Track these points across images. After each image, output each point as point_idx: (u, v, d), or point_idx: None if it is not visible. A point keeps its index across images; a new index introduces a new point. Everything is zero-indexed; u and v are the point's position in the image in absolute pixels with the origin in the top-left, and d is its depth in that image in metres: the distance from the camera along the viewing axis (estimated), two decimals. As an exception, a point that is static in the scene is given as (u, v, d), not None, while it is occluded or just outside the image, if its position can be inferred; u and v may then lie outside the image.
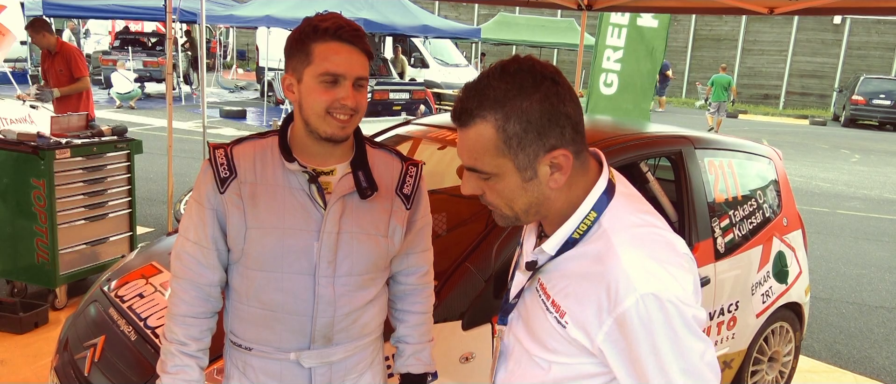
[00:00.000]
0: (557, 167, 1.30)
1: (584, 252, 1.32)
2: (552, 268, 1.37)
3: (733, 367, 3.67)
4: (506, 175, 1.31)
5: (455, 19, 27.37)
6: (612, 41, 8.25)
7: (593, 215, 1.33)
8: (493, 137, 1.27)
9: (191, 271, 1.76)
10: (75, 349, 2.75)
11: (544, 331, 1.36)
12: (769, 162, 3.97)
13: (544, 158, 1.29)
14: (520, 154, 1.28)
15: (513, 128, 1.26)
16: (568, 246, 1.34)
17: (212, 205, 1.72)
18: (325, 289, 1.73)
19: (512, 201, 1.34)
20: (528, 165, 1.29)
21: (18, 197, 4.58)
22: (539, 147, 1.28)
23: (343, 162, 1.76)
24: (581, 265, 1.31)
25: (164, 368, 1.76)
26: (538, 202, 1.34)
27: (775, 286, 3.76)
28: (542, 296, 1.37)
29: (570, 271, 1.33)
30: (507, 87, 1.26)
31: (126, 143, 5.04)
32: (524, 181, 1.31)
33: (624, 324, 1.22)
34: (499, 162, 1.29)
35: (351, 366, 1.84)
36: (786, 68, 28.52)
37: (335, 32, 1.62)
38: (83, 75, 6.68)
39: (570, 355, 1.34)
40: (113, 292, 2.94)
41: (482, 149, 1.29)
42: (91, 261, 4.86)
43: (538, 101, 1.26)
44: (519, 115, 1.25)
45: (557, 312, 1.33)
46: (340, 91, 1.63)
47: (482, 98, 1.28)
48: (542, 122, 1.26)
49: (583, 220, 1.33)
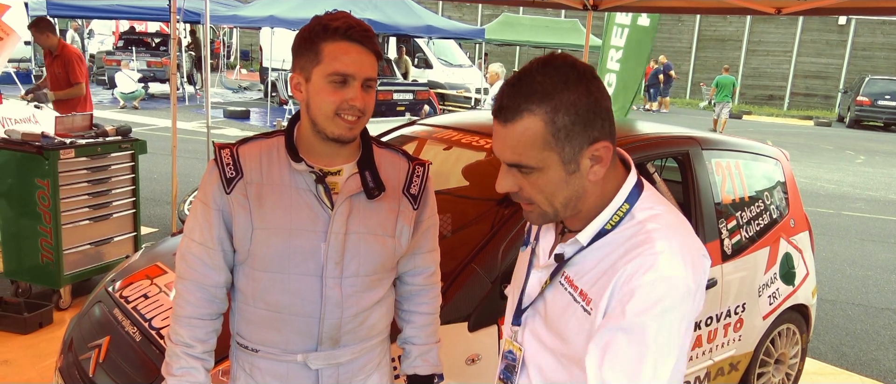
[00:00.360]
0: (598, 159, 1.31)
1: (615, 240, 1.33)
2: (578, 260, 1.38)
3: (740, 369, 3.65)
4: (550, 168, 1.31)
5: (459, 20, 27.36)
6: (615, 41, 8.24)
7: (626, 207, 1.35)
8: (542, 130, 1.27)
9: (196, 272, 1.74)
10: (80, 350, 2.74)
11: (570, 327, 1.36)
12: (776, 163, 3.95)
13: (587, 151, 1.30)
14: (566, 147, 1.29)
15: (562, 120, 1.27)
16: (599, 236, 1.35)
17: (217, 205, 1.71)
18: (333, 290, 1.71)
19: (553, 195, 1.34)
20: (573, 158, 1.30)
21: (23, 197, 4.58)
22: (584, 139, 1.29)
23: (350, 162, 1.74)
24: (612, 254, 1.32)
25: (170, 370, 1.75)
26: (577, 195, 1.35)
27: (782, 288, 3.74)
28: (569, 289, 1.38)
29: (599, 261, 1.34)
30: (554, 82, 1.27)
31: (130, 144, 5.03)
32: (567, 174, 1.31)
33: (635, 294, 1.23)
34: (544, 155, 1.29)
35: (358, 368, 1.83)
36: (790, 69, 28.46)
37: (345, 32, 1.60)
38: (79, 81, 6.66)
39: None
40: (118, 293, 2.93)
41: (528, 143, 1.29)
42: (95, 262, 4.85)
43: (584, 94, 1.27)
44: (567, 107, 1.27)
45: (584, 301, 1.33)
46: (349, 91, 1.61)
47: (529, 92, 1.28)
48: (588, 114, 1.28)
49: (616, 212, 1.35)
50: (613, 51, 8.25)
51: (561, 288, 1.40)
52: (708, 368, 3.42)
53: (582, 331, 1.34)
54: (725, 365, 3.52)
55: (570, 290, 1.38)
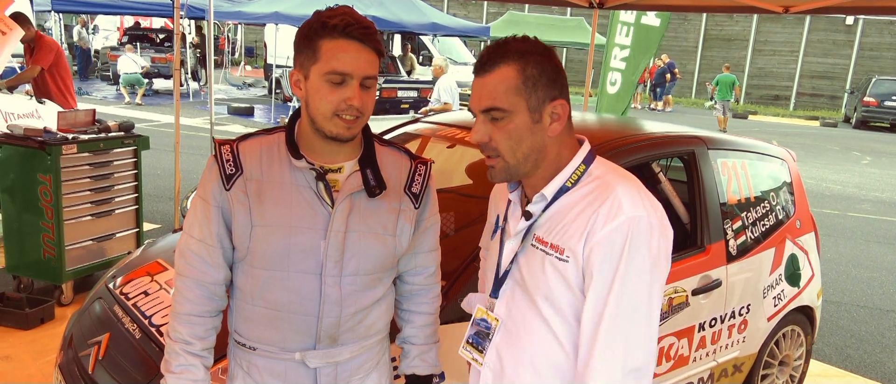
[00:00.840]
0: (557, 117, 1.56)
1: (576, 196, 1.57)
2: (544, 220, 1.60)
3: (744, 371, 3.62)
4: (518, 113, 1.54)
5: (464, 17, 27.31)
6: (620, 40, 8.19)
7: (583, 168, 1.60)
8: (515, 77, 1.52)
9: (195, 269, 1.72)
10: (80, 346, 2.72)
11: (547, 278, 1.56)
12: (783, 163, 3.92)
13: (549, 105, 1.55)
14: (533, 95, 1.53)
15: (531, 71, 1.53)
16: (561, 193, 1.58)
17: (217, 202, 1.69)
18: (332, 288, 1.69)
19: (518, 143, 1.55)
20: (537, 108, 1.54)
21: (25, 192, 4.57)
22: (547, 93, 1.54)
23: (351, 159, 1.72)
24: (575, 205, 1.56)
25: (169, 368, 1.73)
26: (537, 149, 1.57)
27: (787, 289, 3.71)
28: (540, 247, 1.58)
29: (564, 213, 1.57)
30: (526, 46, 1.55)
31: (133, 139, 5.02)
32: (532, 123, 1.54)
33: (610, 240, 1.47)
34: (515, 100, 1.53)
35: (357, 367, 1.81)
36: (797, 69, 28.35)
37: (344, 29, 1.57)
38: (36, 64, 6.72)
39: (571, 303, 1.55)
40: (118, 289, 2.91)
41: (503, 88, 1.53)
42: (97, 258, 4.85)
43: (549, 59, 1.56)
44: (536, 63, 1.53)
45: (557, 251, 1.55)
46: (347, 91, 1.58)
47: (505, 51, 1.54)
48: (552, 74, 1.55)
49: (574, 171, 1.59)
50: (618, 49, 8.20)
51: (533, 249, 1.60)
52: (712, 369, 3.39)
53: (558, 277, 1.55)
54: (729, 366, 3.49)
55: (541, 248, 1.58)
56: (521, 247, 1.63)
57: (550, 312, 1.57)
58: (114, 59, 19.83)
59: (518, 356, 1.64)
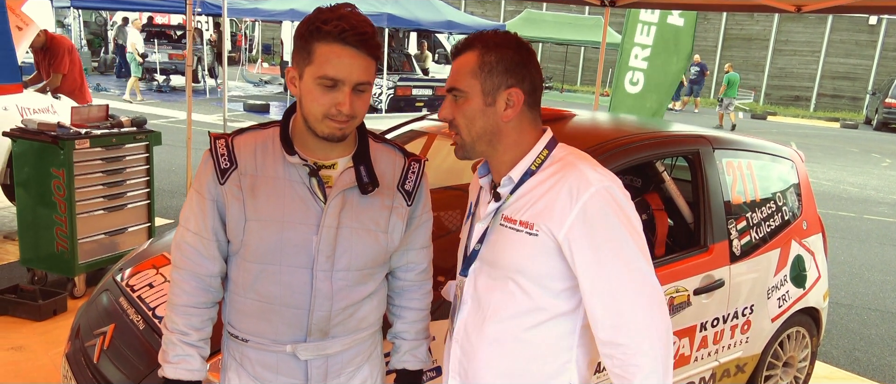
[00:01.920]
0: (511, 103, 1.68)
1: (542, 177, 1.69)
2: (512, 200, 1.72)
3: (747, 372, 3.62)
4: (473, 96, 1.68)
5: (481, 15, 27.28)
6: (641, 39, 8.14)
7: (546, 152, 1.73)
8: (473, 62, 1.68)
9: (191, 261, 1.75)
10: (86, 336, 2.78)
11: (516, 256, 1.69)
12: (790, 164, 3.90)
13: (503, 92, 1.68)
14: (487, 81, 1.67)
15: (488, 58, 1.67)
16: (526, 176, 1.71)
17: (212, 195, 1.72)
18: (323, 283, 1.72)
19: (472, 123, 1.69)
20: (491, 92, 1.67)
21: (39, 186, 4.65)
22: (502, 81, 1.67)
23: (345, 155, 1.74)
24: (541, 185, 1.68)
25: (166, 358, 1.76)
26: (491, 131, 1.70)
27: (792, 290, 3.70)
28: (509, 225, 1.71)
29: (531, 193, 1.68)
30: (495, 38, 1.70)
31: (145, 135, 5.08)
32: (485, 106, 1.68)
33: (586, 212, 1.60)
34: (471, 82, 1.68)
35: (348, 360, 1.83)
36: (818, 69, 28.06)
37: (339, 35, 1.55)
38: (57, 72, 6.87)
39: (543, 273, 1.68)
40: (124, 281, 2.96)
41: (462, 71, 1.69)
42: (109, 251, 4.91)
43: (513, 52, 1.68)
44: (497, 52, 1.67)
45: (527, 227, 1.67)
46: (338, 95, 1.59)
47: (474, 39, 1.71)
48: (510, 65, 1.67)
49: (538, 155, 1.72)
50: (639, 48, 8.15)
51: (501, 228, 1.73)
52: (714, 369, 3.38)
53: (528, 249, 1.67)
54: (732, 366, 3.48)
55: (509, 225, 1.70)
56: (489, 227, 1.76)
57: (521, 281, 1.70)
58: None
59: (481, 324, 1.77)
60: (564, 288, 1.69)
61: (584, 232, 1.59)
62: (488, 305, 1.75)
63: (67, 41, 7.21)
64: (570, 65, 32.17)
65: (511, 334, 1.73)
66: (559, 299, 1.70)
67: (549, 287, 1.69)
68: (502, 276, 1.72)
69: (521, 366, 1.74)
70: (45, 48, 6.88)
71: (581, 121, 3.46)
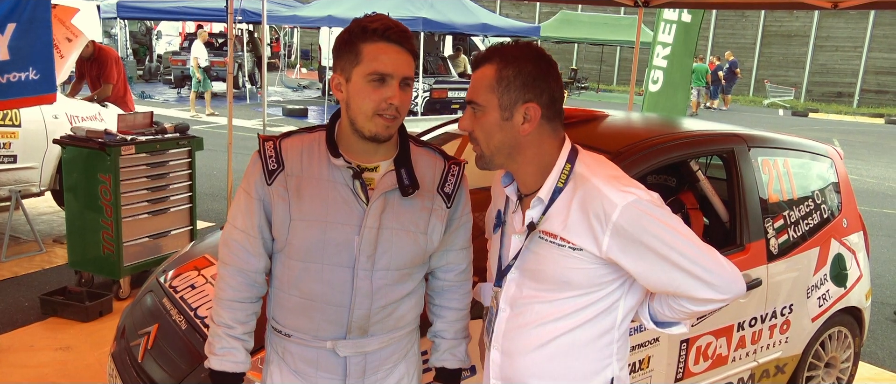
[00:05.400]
0: (528, 119, 1.69)
1: (570, 195, 1.70)
2: (547, 218, 1.73)
3: (787, 372, 3.57)
4: (490, 110, 1.69)
5: (516, 18, 27.23)
6: (663, 38, 8.09)
7: (568, 167, 1.73)
8: (491, 76, 1.69)
9: (237, 258, 1.82)
10: (131, 336, 2.87)
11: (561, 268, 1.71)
12: (829, 162, 3.84)
13: (521, 107, 1.68)
14: (505, 95, 1.68)
15: (506, 73, 1.68)
16: (556, 194, 1.72)
17: (259, 195, 1.79)
18: (363, 281, 1.77)
19: (490, 136, 1.71)
20: (508, 107, 1.68)
21: (87, 191, 4.80)
22: (519, 96, 1.68)
23: (387, 159, 1.80)
24: (573, 204, 1.68)
25: (212, 350, 1.83)
26: (509, 144, 1.72)
27: (833, 289, 3.64)
28: (549, 239, 1.72)
29: (563, 212, 1.70)
30: (515, 51, 1.70)
31: (188, 140, 5.21)
32: (502, 120, 1.69)
33: (620, 234, 1.63)
34: (488, 97, 1.69)
35: (385, 357, 1.88)
36: (860, 65, 27.38)
37: (383, 33, 1.67)
38: (108, 82, 7.05)
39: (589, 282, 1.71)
40: (167, 283, 3.05)
41: (480, 84, 1.70)
42: (153, 254, 5.05)
43: (532, 66, 1.68)
44: (515, 66, 1.67)
45: (569, 243, 1.69)
46: (388, 90, 1.67)
47: (493, 52, 1.72)
48: (529, 79, 1.67)
49: (562, 171, 1.73)
50: (660, 47, 8.10)
51: (541, 241, 1.74)
52: (752, 370, 3.35)
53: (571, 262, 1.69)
54: (771, 367, 3.45)
55: (550, 240, 1.72)
56: (527, 241, 1.77)
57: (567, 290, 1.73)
58: (175, 64, 20.42)
59: (524, 330, 1.78)
60: (606, 290, 1.74)
61: (627, 251, 1.64)
62: (531, 312, 1.78)
63: (114, 52, 7.44)
64: (606, 65, 31.92)
65: (555, 337, 1.76)
66: (601, 300, 1.75)
67: (593, 292, 1.73)
68: (548, 288, 1.75)
69: (564, 367, 1.78)
70: (92, 58, 7.10)
71: (614, 121, 3.46)
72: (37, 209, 6.99)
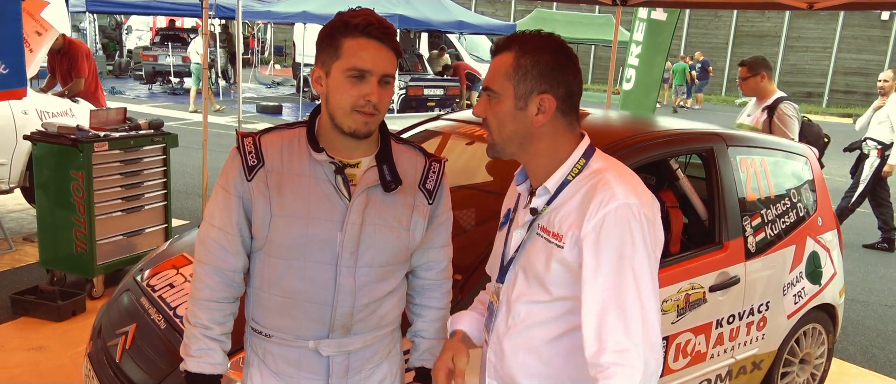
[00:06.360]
0: (542, 110, 1.65)
1: (576, 187, 1.66)
2: (549, 211, 1.69)
3: (763, 369, 3.62)
4: (505, 98, 1.66)
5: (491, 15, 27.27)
6: (637, 36, 8.15)
7: (583, 161, 1.69)
8: (508, 64, 1.66)
9: (214, 256, 1.79)
10: (108, 336, 2.82)
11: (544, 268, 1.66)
12: (805, 161, 3.90)
13: (535, 97, 1.65)
14: (520, 84, 1.65)
15: (524, 62, 1.64)
16: (563, 186, 1.68)
17: (238, 192, 1.76)
18: (346, 278, 1.75)
19: (503, 124, 1.68)
20: (523, 96, 1.65)
21: (59, 189, 4.71)
22: (535, 86, 1.64)
23: (368, 155, 1.79)
24: (575, 198, 1.64)
25: (188, 351, 1.80)
26: (522, 134, 1.68)
27: (808, 287, 3.69)
28: (543, 236, 1.68)
29: (566, 205, 1.65)
30: (537, 41, 1.67)
31: (162, 137, 5.14)
32: (516, 110, 1.66)
33: (603, 223, 1.56)
34: (504, 84, 1.66)
35: (369, 356, 1.87)
36: (830, 65, 27.84)
37: (364, 29, 1.65)
38: (79, 76, 6.93)
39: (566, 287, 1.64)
40: (145, 282, 3.01)
41: (498, 71, 1.67)
42: (127, 252, 4.96)
43: (550, 57, 1.65)
44: (533, 56, 1.64)
45: (556, 239, 1.64)
46: (366, 87, 1.65)
47: (513, 39, 1.69)
48: (546, 70, 1.64)
49: (575, 165, 1.69)
50: (634, 46, 8.15)
51: (537, 237, 1.70)
52: (730, 366, 3.39)
53: (555, 263, 1.64)
54: (748, 363, 3.49)
55: (544, 236, 1.68)
56: (527, 235, 1.73)
57: (551, 289, 1.67)
58: (146, 59, 20.13)
59: (515, 336, 1.73)
60: None
61: (593, 240, 1.56)
62: (523, 312, 1.72)
63: (84, 46, 7.30)
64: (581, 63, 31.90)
65: (543, 340, 1.70)
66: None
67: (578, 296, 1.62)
68: (536, 286, 1.69)
69: (554, 371, 1.71)
70: (62, 52, 6.97)
71: (594, 119, 3.48)
72: (6, 207, 6.85)
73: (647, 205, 1.60)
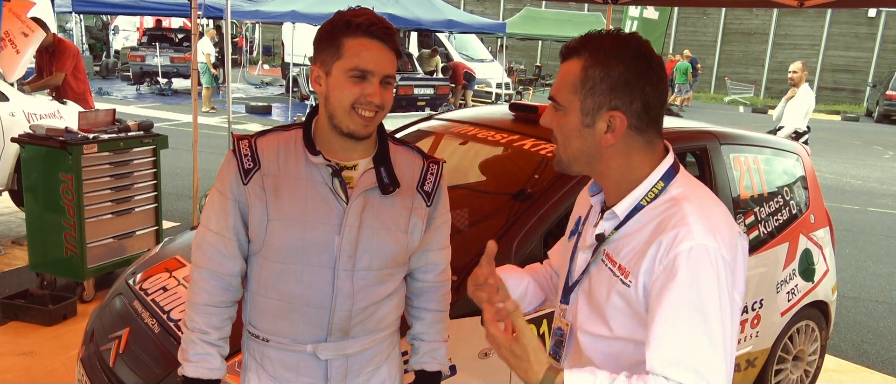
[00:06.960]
0: (611, 128, 1.45)
1: (650, 215, 1.45)
2: (617, 236, 1.50)
3: (757, 366, 3.63)
4: (571, 112, 1.47)
5: (481, 14, 27.26)
6: None
7: (661, 185, 1.47)
8: (575, 75, 1.45)
9: (212, 261, 1.77)
10: (101, 341, 2.79)
11: (607, 303, 1.47)
12: (797, 158, 3.91)
13: (604, 114, 1.44)
14: (588, 99, 1.45)
15: (593, 73, 1.43)
16: (635, 211, 1.47)
17: (234, 195, 1.74)
18: (344, 282, 1.74)
19: (567, 141, 1.50)
20: (590, 112, 1.45)
21: (48, 191, 4.66)
22: (604, 101, 1.44)
23: (366, 157, 1.77)
24: (647, 229, 1.44)
25: (186, 357, 1.78)
26: (589, 154, 1.49)
27: (801, 284, 3.71)
28: (608, 265, 1.49)
29: (636, 235, 1.45)
30: (611, 46, 1.44)
31: (152, 138, 5.10)
32: (582, 126, 1.47)
33: (673, 266, 1.34)
34: (570, 97, 1.47)
35: (367, 360, 1.85)
36: (818, 63, 28.00)
37: (367, 29, 1.64)
38: (59, 71, 6.88)
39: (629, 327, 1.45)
40: (137, 285, 2.98)
41: (564, 81, 1.48)
42: (118, 255, 4.92)
43: (624, 67, 1.43)
44: (604, 66, 1.43)
45: (623, 274, 1.45)
46: (368, 87, 1.64)
47: (584, 43, 1.47)
48: (618, 83, 1.43)
49: (651, 188, 1.47)
50: None
51: (602, 264, 1.51)
52: (725, 364, 3.39)
53: (620, 300, 1.45)
54: (742, 361, 3.49)
55: (609, 266, 1.49)
56: (592, 259, 1.55)
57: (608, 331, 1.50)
58: (133, 60, 20.01)
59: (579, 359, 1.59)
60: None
61: (662, 285, 1.35)
62: (585, 345, 1.56)
63: (74, 46, 7.25)
64: (571, 62, 32.09)
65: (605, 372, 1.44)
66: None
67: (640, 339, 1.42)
68: (596, 317, 1.52)
69: None
70: (50, 50, 6.92)
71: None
72: (-7, 210, 6.80)
73: (727, 245, 1.36)
